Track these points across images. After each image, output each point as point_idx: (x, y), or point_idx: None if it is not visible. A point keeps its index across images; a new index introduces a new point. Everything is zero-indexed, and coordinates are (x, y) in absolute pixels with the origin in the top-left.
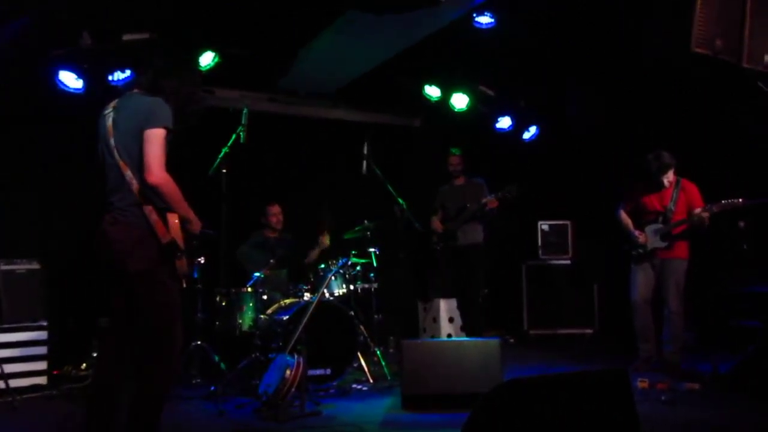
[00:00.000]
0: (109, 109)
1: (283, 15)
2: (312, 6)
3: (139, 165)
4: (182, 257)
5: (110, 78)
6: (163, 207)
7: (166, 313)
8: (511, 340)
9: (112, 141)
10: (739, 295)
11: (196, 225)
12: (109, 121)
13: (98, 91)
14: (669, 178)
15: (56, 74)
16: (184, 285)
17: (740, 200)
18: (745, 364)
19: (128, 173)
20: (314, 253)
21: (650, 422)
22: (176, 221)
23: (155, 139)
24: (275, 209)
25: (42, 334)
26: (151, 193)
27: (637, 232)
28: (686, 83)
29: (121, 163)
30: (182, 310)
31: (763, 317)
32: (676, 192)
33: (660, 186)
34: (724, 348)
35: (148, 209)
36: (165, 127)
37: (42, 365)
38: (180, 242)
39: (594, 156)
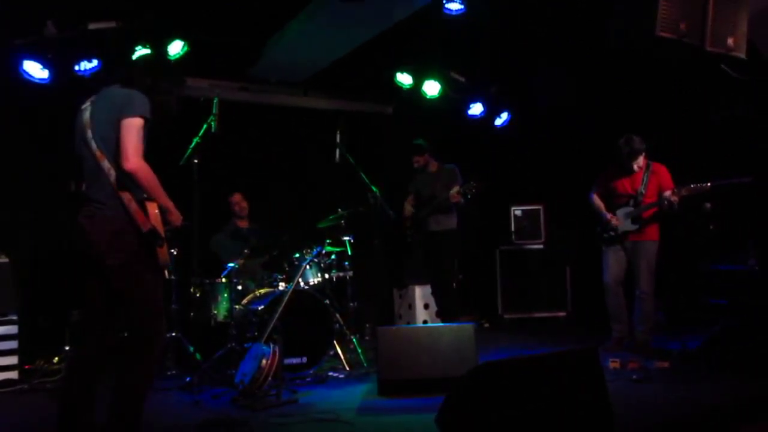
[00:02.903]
0: (87, 104)
1: (252, 2)
2: None
3: (116, 154)
4: (163, 246)
5: (76, 68)
6: (143, 197)
7: (146, 305)
8: (486, 325)
9: (89, 133)
10: (705, 274)
11: (176, 216)
12: (87, 115)
13: (64, 81)
14: (639, 163)
15: (20, 64)
16: (167, 276)
17: (708, 184)
18: (713, 341)
19: (105, 163)
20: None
21: (621, 400)
22: (156, 210)
23: (132, 127)
24: (236, 198)
25: (12, 329)
26: (128, 182)
27: (609, 215)
28: (653, 68)
29: (98, 153)
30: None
31: (729, 295)
32: (647, 175)
33: (630, 171)
34: (692, 326)
35: (127, 198)
36: (142, 117)
37: (13, 360)
38: (160, 231)
39: (564, 141)
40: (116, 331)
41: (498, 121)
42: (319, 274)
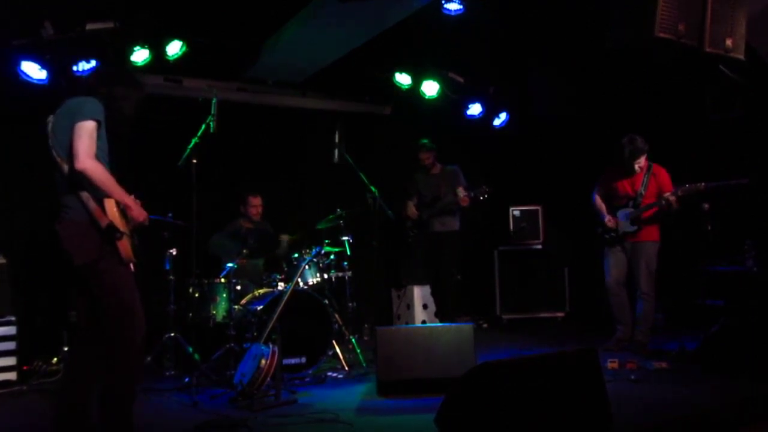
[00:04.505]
0: (50, 117)
1: (250, 3)
2: None
3: (70, 156)
4: (122, 239)
5: (75, 68)
6: (102, 195)
7: (118, 299)
8: (485, 325)
9: (50, 141)
10: (703, 275)
11: (137, 212)
12: (49, 127)
13: (63, 81)
14: (641, 163)
15: (18, 65)
16: (133, 268)
17: (702, 184)
18: (711, 342)
19: (65, 167)
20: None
21: (620, 400)
22: (113, 207)
23: (83, 130)
24: (257, 200)
25: (11, 330)
26: (84, 182)
27: (607, 218)
28: (651, 69)
29: (58, 159)
30: (145, 296)
31: (727, 296)
32: (647, 177)
33: (631, 171)
34: (690, 326)
35: (86, 197)
36: (94, 119)
37: (11, 361)
38: (119, 225)
39: (563, 141)
40: (100, 331)
41: (497, 122)
42: (317, 275)
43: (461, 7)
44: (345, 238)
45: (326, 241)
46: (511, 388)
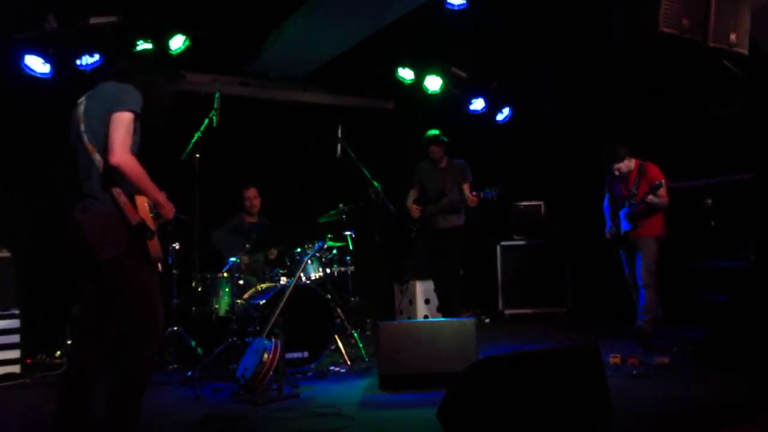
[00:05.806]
0: (83, 99)
1: None
2: None
3: (104, 148)
4: (153, 238)
5: (78, 62)
6: (132, 190)
7: (140, 299)
8: (487, 320)
9: (82, 127)
10: (707, 270)
11: (167, 208)
12: (81, 109)
13: (66, 75)
14: (621, 169)
15: (22, 58)
16: (160, 268)
17: (662, 181)
18: (712, 338)
19: (96, 156)
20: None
21: (621, 395)
22: (145, 204)
23: (120, 121)
24: (250, 192)
25: (14, 323)
26: (117, 176)
27: (607, 232)
28: (654, 65)
29: (89, 146)
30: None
31: (729, 292)
32: (638, 176)
33: (612, 175)
34: (692, 322)
35: (116, 191)
36: (132, 111)
37: (15, 354)
38: (150, 223)
39: (566, 137)
40: (115, 325)
41: (499, 117)
42: (320, 269)
43: (464, 1)
44: (347, 233)
45: (328, 236)
46: (512, 383)
